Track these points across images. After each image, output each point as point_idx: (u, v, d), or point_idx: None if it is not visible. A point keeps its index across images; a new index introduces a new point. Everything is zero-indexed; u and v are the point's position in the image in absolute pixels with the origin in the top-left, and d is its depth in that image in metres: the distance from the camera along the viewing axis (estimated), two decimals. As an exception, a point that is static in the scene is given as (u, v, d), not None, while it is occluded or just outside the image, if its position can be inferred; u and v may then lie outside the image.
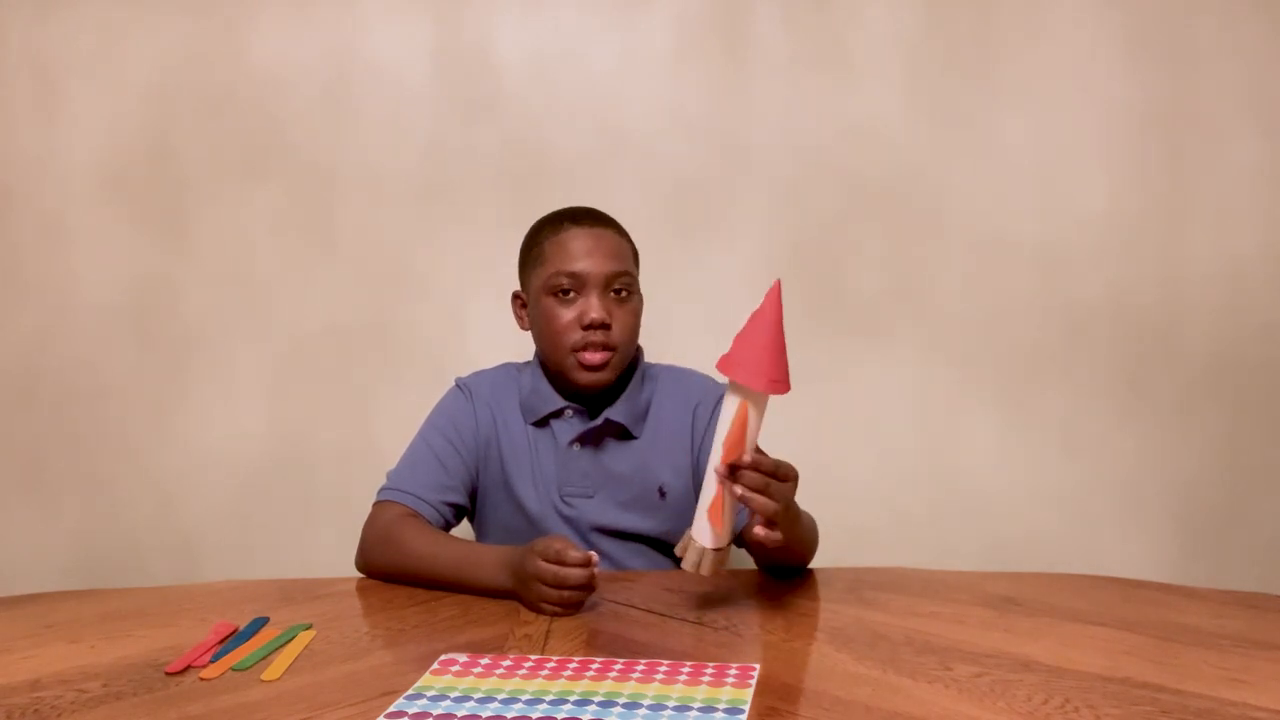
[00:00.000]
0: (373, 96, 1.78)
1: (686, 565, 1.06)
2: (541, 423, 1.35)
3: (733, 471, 1.02)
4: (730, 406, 1.03)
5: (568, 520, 1.33)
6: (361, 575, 1.28)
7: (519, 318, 1.39)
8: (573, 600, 1.08)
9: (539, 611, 1.08)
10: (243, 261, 1.80)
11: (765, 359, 1.01)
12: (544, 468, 1.34)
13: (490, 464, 1.35)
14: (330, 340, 1.80)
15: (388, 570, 1.25)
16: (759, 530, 1.05)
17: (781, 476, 1.05)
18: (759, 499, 1.03)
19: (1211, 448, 1.77)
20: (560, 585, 1.06)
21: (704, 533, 1.05)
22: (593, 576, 1.07)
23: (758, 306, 1.03)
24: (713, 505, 1.04)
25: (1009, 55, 1.76)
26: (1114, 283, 1.76)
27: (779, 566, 1.24)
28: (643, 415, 1.36)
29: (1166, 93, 1.75)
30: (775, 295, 1.03)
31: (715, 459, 1.03)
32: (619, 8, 1.78)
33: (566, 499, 1.33)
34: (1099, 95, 1.76)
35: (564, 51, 1.78)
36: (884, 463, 1.78)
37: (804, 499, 1.39)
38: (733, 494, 1.03)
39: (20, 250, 1.81)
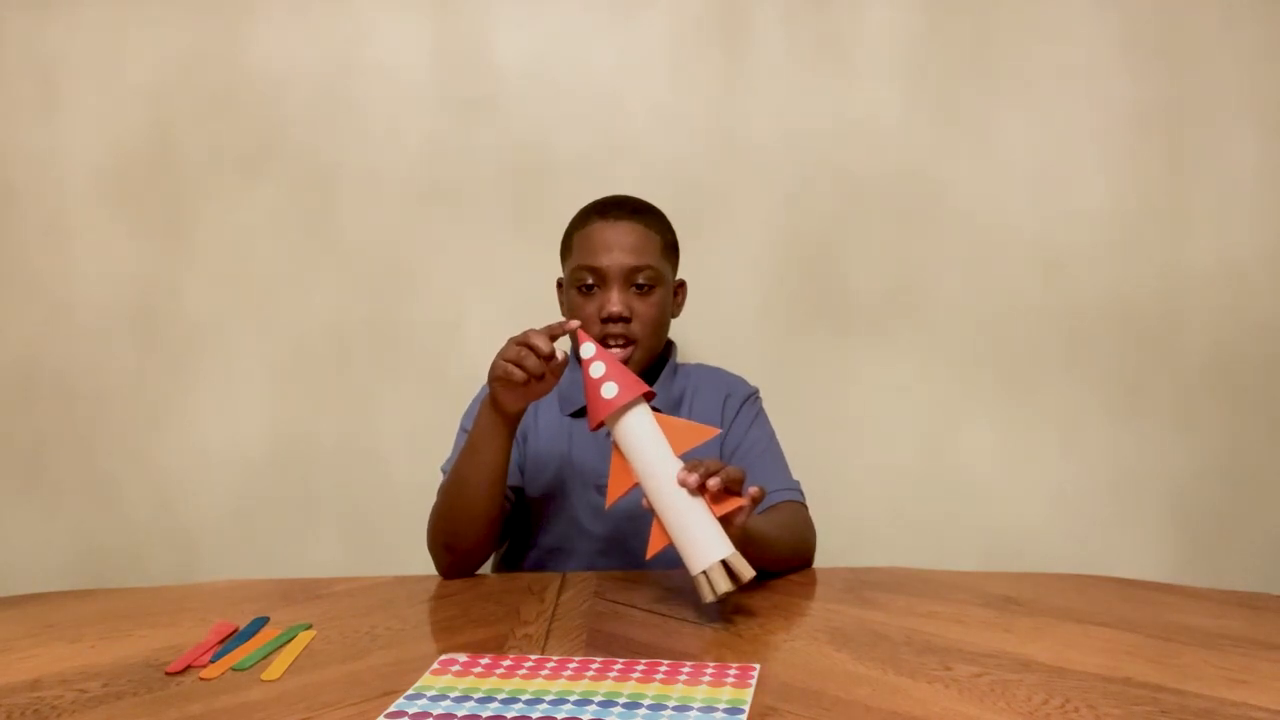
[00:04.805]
0: (373, 96, 1.78)
1: (720, 590, 1.01)
2: (579, 414, 1.37)
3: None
4: (649, 427, 1.04)
5: (600, 512, 1.33)
6: (444, 579, 1.26)
7: (561, 304, 1.42)
8: (528, 366, 1.11)
9: (494, 377, 1.13)
10: (243, 261, 1.80)
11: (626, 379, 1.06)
12: (580, 459, 1.35)
13: (524, 455, 1.37)
14: (330, 340, 1.80)
15: (444, 528, 1.24)
16: (752, 491, 1.06)
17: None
18: (733, 471, 1.04)
19: (1211, 448, 1.77)
20: (518, 361, 1.11)
21: (714, 546, 1.02)
22: (547, 365, 1.12)
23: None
24: (713, 517, 1.03)
25: (1009, 54, 1.76)
26: (1114, 282, 1.76)
27: (770, 569, 1.22)
28: (676, 406, 1.38)
29: (1166, 92, 1.76)
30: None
31: (675, 480, 1.02)
32: (619, 8, 1.78)
33: (602, 490, 1.33)
34: (1098, 95, 1.76)
35: (564, 51, 1.78)
36: (884, 462, 1.78)
37: (805, 498, 1.39)
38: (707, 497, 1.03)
39: (21, 250, 1.81)
